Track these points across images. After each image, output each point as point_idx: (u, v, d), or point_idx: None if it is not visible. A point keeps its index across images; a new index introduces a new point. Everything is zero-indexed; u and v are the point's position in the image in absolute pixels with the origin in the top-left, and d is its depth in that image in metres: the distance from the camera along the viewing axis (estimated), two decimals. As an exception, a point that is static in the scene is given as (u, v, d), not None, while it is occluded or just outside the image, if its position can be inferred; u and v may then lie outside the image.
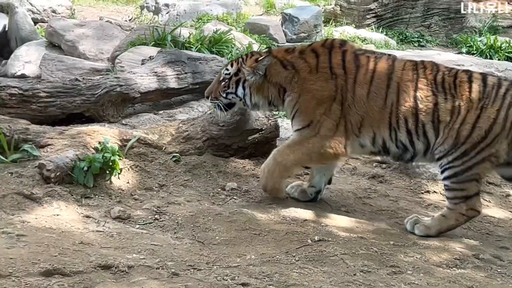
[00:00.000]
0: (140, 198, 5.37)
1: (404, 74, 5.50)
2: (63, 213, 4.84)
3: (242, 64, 5.71)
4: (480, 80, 5.47)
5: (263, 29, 14.03)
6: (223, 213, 5.25)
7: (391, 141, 5.50)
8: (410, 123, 5.43)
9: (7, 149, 5.33)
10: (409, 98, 5.42)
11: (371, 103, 5.48)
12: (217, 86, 5.78)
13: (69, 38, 11.59)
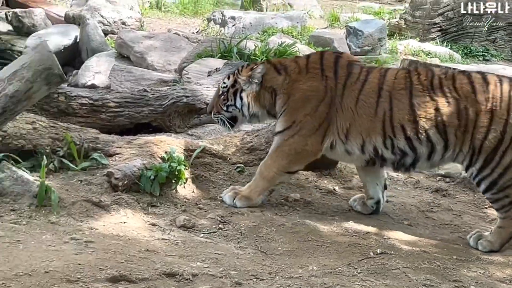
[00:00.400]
0: (204, 208, 5.41)
1: (396, 83, 5.42)
2: (129, 220, 4.92)
3: (237, 75, 5.68)
4: (481, 79, 5.36)
5: (327, 42, 13.98)
6: (286, 224, 5.26)
7: (385, 148, 5.41)
8: (409, 130, 5.33)
9: (77, 158, 5.44)
10: (404, 106, 5.35)
11: (359, 111, 5.42)
12: (217, 100, 5.75)
13: (138, 49, 11.75)
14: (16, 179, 4.87)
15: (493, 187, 5.27)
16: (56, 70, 4.86)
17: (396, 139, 5.37)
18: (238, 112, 5.69)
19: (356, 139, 5.43)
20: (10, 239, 4.28)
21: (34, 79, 4.81)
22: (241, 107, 5.65)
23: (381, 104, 5.38)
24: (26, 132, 5.36)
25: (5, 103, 4.74)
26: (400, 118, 5.34)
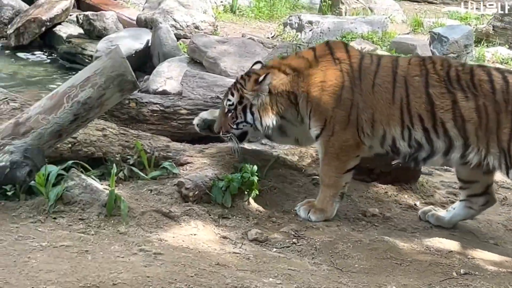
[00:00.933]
0: (278, 221, 5.41)
1: (411, 69, 5.38)
2: (200, 232, 4.96)
3: (243, 90, 5.55)
4: (501, 79, 5.27)
5: (409, 48, 13.81)
6: (363, 240, 5.22)
7: (402, 139, 5.37)
8: (426, 120, 5.29)
9: (147, 166, 5.51)
10: (420, 94, 5.30)
11: (377, 96, 5.36)
12: (225, 119, 5.61)
13: (211, 54, 11.82)
14: (85, 187, 4.96)
15: None
16: (129, 76, 4.95)
17: (414, 129, 5.33)
18: (249, 128, 5.61)
19: (378, 131, 5.43)
20: (78, 249, 4.37)
21: (107, 85, 4.91)
22: (253, 122, 5.56)
23: (398, 89, 5.35)
24: (96, 139, 5.47)
25: (77, 110, 4.85)
26: (417, 106, 5.30)
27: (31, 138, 4.77)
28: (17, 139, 4.75)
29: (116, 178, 5.18)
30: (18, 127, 4.80)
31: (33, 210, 4.83)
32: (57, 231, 4.61)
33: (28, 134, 4.78)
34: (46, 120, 4.84)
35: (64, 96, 4.88)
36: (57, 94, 4.93)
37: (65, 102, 4.86)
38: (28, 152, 4.75)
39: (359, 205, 5.87)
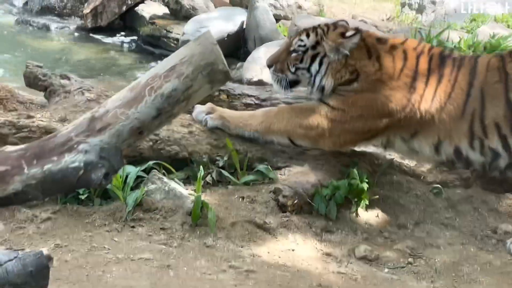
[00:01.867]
0: (391, 237, 5.39)
1: (489, 76, 5.40)
2: (299, 248, 4.97)
3: (323, 36, 5.60)
4: None
5: (559, 35, 13.53)
6: (494, 262, 5.14)
7: (471, 149, 5.41)
8: (504, 127, 5.32)
9: (239, 169, 5.55)
10: (499, 103, 5.34)
11: (442, 115, 5.43)
12: (286, 56, 5.68)
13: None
14: (168, 192, 5.04)
15: None
16: (221, 66, 4.96)
17: (487, 139, 5.43)
18: (306, 78, 5.69)
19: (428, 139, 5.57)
20: (159, 263, 4.45)
21: (195, 76, 4.93)
22: (315, 74, 5.64)
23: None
24: (180, 136, 5.54)
25: (161, 104, 4.87)
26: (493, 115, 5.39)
27: (108, 136, 4.83)
28: (92, 136, 4.81)
29: (203, 182, 5.25)
30: (93, 123, 4.86)
31: (109, 217, 4.94)
32: (135, 241, 4.71)
33: (105, 131, 4.83)
34: (125, 115, 4.89)
35: (146, 88, 4.92)
36: (138, 86, 4.96)
37: (147, 94, 4.90)
38: (105, 151, 4.81)
39: (489, 220, 5.78)
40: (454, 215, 5.75)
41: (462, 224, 5.68)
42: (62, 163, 4.60)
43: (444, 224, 5.64)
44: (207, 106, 5.74)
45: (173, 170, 5.39)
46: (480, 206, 5.90)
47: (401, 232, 5.46)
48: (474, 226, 5.69)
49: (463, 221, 5.72)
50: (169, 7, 15.06)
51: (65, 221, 4.84)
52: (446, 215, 5.73)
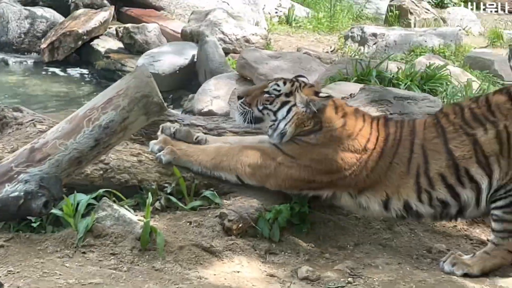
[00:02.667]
0: (331, 257, 5.39)
1: (427, 133, 5.53)
2: (244, 269, 4.96)
3: (298, 89, 5.67)
4: None
5: (486, 64, 13.72)
6: (428, 280, 5.15)
7: (420, 202, 5.45)
8: (449, 177, 5.38)
9: (186, 195, 5.54)
10: (441, 155, 5.44)
11: (389, 173, 5.52)
12: (258, 94, 5.71)
13: (262, 71, 11.83)
14: (118, 218, 5.02)
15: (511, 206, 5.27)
16: (156, 98, 4.99)
17: (434, 190, 5.46)
18: (270, 120, 5.68)
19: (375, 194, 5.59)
20: (109, 287, 4.41)
21: (131, 108, 4.95)
22: (280, 119, 5.63)
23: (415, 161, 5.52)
24: (130, 165, 5.53)
25: (99, 135, 4.87)
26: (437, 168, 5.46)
27: (47, 166, 4.82)
28: (33, 166, 4.80)
29: (152, 208, 5.23)
30: (33, 153, 4.85)
31: (60, 243, 4.89)
32: (86, 267, 4.66)
33: (45, 161, 4.82)
34: (64, 145, 4.88)
35: (84, 120, 4.92)
36: (76, 117, 4.97)
37: (85, 126, 4.90)
38: (44, 181, 4.80)
39: (424, 240, 5.84)
40: (391, 236, 5.79)
41: (399, 244, 5.73)
42: (2, 192, 4.60)
43: (382, 245, 5.67)
44: (160, 140, 5.72)
45: (123, 198, 5.37)
46: (416, 228, 5.96)
47: (341, 253, 5.47)
48: (410, 246, 5.73)
49: (400, 241, 5.76)
50: (123, 42, 15.07)
51: (18, 248, 4.79)
52: (384, 236, 5.77)
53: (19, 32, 15.85)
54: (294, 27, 17.52)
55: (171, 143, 5.68)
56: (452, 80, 10.97)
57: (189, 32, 14.64)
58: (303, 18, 18.01)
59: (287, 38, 16.35)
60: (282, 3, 18.32)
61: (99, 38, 15.54)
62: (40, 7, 16.48)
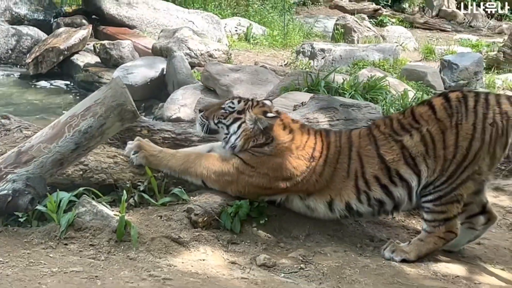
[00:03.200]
0: (286, 246, 5.40)
1: (362, 142, 5.61)
2: (209, 258, 4.95)
3: (249, 108, 5.71)
4: (442, 98, 5.45)
5: (420, 75, 13.84)
6: (370, 265, 5.19)
7: (359, 203, 5.54)
8: (383, 178, 5.48)
9: (157, 193, 5.52)
10: (374, 160, 5.53)
11: (333, 178, 5.58)
12: (216, 109, 5.74)
13: (224, 82, 11.84)
14: (96, 213, 4.98)
15: (440, 199, 5.38)
16: (129, 106, 5.00)
17: (371, 191, 5.53)
18: (223, 132, 5.71)
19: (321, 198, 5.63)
20: (88, 274, 4.37)
21: (107, 115, 4.95)
22: (232, 134, 5.66)
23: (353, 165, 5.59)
24: (107, 166, 5.49)
25: (78, 139, 4.89)
26: (371, 172, 5.53)
27: (33, 167, 4.81)
28: (19, 167, 4.79)
29: (127, 204, 5.20)
30: (20, 156, 4.84)
31: (45, 236, 4.85)
32: (67, 256, 4.63)
33: (30, 163, 4.81)
34: (47, 149, 4.87)
35: (65, 126, 4.92)
36: (58, 124, 4.97)
37: (66, 131, 4.90)
38: (30, 180, 4.78)
39: (367, 230, 5.86)
40: (338, 227, 5.79)
41: (345, 234, 5.73)
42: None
43: (330, 235, 5.68)
44: (135, 144, 5.67)
45: (101, 195, 5.33)
46: (360, 219, 5.97)
47: (294, 243, 5.47)
48: (355, 236, 5.75)
49: (346, 232, 5.77)
50: (100, 57, 14.99)
51: (6, 241, 4.73)
52: (331, 227, 5.76)
53: (7, 48, 15.73)
54: (252, 43, 17.50)
55: (144, 147, 5.63)
56: (391, 89, 11.02)
57: (159, 48, 14.58)
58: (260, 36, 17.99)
59: (246, 53, 16.32)
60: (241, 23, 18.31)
61: (79, 53, 15.44)
62: (25, 26, 16.38)
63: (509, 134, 5.31)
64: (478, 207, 5.66)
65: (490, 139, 5.28)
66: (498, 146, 5.32)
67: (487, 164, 5.36)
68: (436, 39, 21.41)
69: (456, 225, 5.47)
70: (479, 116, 5.29)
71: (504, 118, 5.30)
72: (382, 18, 24.20)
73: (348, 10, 24.22)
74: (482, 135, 5.27)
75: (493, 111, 5.31)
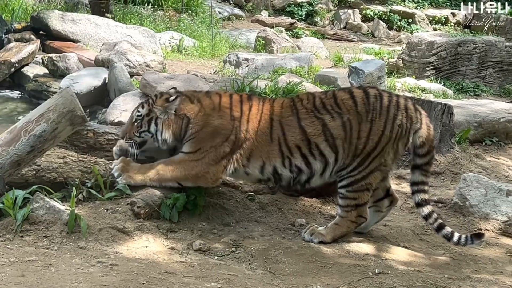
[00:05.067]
0: (218, 233, 5.42)
1: (284, 112, 5.55)
2: (151, 245, 4.94)
3: (153, 105, 5.61)
4: (362, 92, 5.54)
5: (331, 80, 14.00)
6: (292, 247, 5.26)
7: (283, 167, 5.50)
8: (303, 148, 5.46)
9: (103, 188, 5.47)
10: (295, 129, 5.47)
11: (258, 139, 5.50)
12: (131, 127, 5.64)
13: (160, 89, 11.73)
14: (49, 208, 4.92)
15: (352, 185, 5.46)
16: (79, 112, 4.97)
17: (293, 157, 5.49)
18: (150, 137, 5.61)
19: (256, 162, 5.53)
20: (43, 263, 4.33)
21: (59, 120, 4.92)
22: (155, 133, 5.57)
23: (275, 131, 5.51)
24: (57, 165, 5.42)
25: (34, 142, 4.85)
26: (293, 139, 5.48)
27: (-8, 168, 4.75)
28: (-20, 169, 4.73)
29: (76, 199, 5.14)
30: (-20, 159, 4.78)
31: (2, 230, 4.77)
32: (24, 247, 4.56)
33: (-10, 165, 4.75)
34: (6, 151, 4.81)
35: (21, 131, 4.88)
36: (15, 129, 4.92)
37: (22, 135, 4.85)
38: (-11, 180, 4.73)
39: (289, 216, 5.92)
40: (264, 214, 5.85)
41: (270, 220, 5.79)
42: (-46, 190, 4.47)
43: (257, 221, 5.74)
44: (120, 166, 5.50)
45: (53, 192, 5.25)
46: (282, 207, 6.04)
47: (226, 229, 5.50)
48: (279, 221, 5.81)
49: (271, 218, 5.83)
50: (48, 68, 14.68)
51: (-33, 235, 4.65)
52: (258, 214, 5.83)
53: (-39, 62, 15.29)
54: (184, 54, 17.39)
55: (127, 168, 5.49)
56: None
57: (101, 59, 14.36)
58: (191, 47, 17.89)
59: (178, 63, 16.20)
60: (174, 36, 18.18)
61: (28, 65, 15.08)
62: (-22, 42, 15.95)
63: (410, 134, 5.48)
64: (383, 191, 5.79)
65: (395, 137, 5.42)
66: (401, 144, 5.48)
67: (391, 158, 5.50)
68: (344, 48, 21.65)
69: (366, 211, 5.57)
70: (390, 116, 5.42)
71: (409, 122, 5.46)
72: (297, 31, 24.34)
73: (267, 24, 24.29)
74: (390, 133, 5.41)
75: (401, 113, 5.45)
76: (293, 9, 26.97)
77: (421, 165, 5.62)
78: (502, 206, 6.36)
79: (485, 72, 17.43)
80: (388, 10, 28.03)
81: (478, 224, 6.33)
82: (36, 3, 20.19)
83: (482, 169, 7.72)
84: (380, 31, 26.98)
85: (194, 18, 21.37)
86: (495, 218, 6.31)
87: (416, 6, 29.01)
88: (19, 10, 18.78)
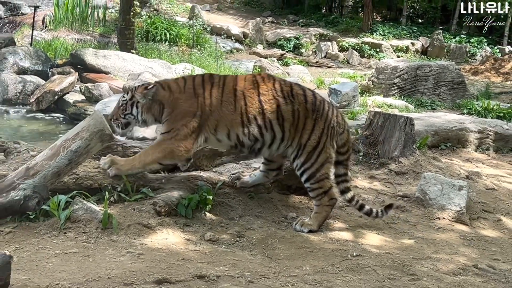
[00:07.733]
0: (225, 226, 5.40)
1: (246, 84, 5.48)
2: (170, 237, 4.93)
3: (134, 91, 5.57)
4: (312, 94, 5.55)
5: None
6: (286, 236, 5.26)
7: (244, 135, 5.43)
8: (259, 120, 5.39)
9: (130, 192, 5.46)
10: (255, 102, 5.40)
11: (223, 109, 5.41)
12: (118, 110, 5.62)
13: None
14: (86, 209, 4.91)
15: (312, 178, 5.46)
16: (107, 131, 4.98)
17: (251, 127, 5.41)
18: (132, 119, 5.58)
19: (223, 130, 5.44)
20: (82, 254, 4.34)
21: (91, 138, 4.92)
22: (137, 114, 5.54)
23: (238, 101, 5.42)
24: (93, 174, 5.41)
25: (71, 157, 4.86)
26: (253, 111, 5.40)
27: (38, 178, 4.74)
28: (28, 179, 4.72)
29: (108, 201, 5.13)
30: (28, 170, 4.78)
31: (49, 227, 4.75)
32: (66, 242, 4.56)
33: (36, 175, 4.75)
34: (48, 164, 4.81)
35: (60, 147, 4.89)
36: (55, 146, 4.94)
37: (61, 151, 4.86)
38: (36, 188, 4.71)
39: (282, 211, 5.90)
40: (262, 210, 5.83)
41: (267, 215, 5.76)
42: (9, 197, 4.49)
43: (257, 216, 5.71)
44: (108, 160, 5.44)
45: (89, 196, 5.24)
46: (277, 203, 6.02)
47: (231, 223, 5.48)
48: (274, 215, 5.78)
49: (268, 213, 5.80)
50: (85, 95, 14.77)
51: (21, 233, 4.61)
52: (257, 210, 5.80)
53: (15, 92, 15.34)
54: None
55: (115, 162, 5.44)
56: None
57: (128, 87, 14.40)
58: (201, 76, 17.94)
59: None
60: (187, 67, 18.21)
61: (69, 93, 15.17)
62: (28, 75, 16.01)
63: (338, 137, 5.58)
64: (277, 165, 5.94)
65: (331, 136, 5.49)
66: (335, 141, 5.54)
67: (333, 151, 5.55)
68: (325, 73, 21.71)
69: (334, 193, 5.59)
70: (328, 119, 5.48)
71: (338, 126, 5.58)
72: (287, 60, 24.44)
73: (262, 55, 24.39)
74: (327, 131, 5.45)
75: (334, 119, 5.54)
76: (283, 42, 27.16)
77: (343, 161, 5.73)
78: (455, 198, 6.36)
79: (440, 90, 17.48)
80: (360, 42, 28.24)
81: (436, 214, 6.31)
82: (74, 42, 20.28)
83: (438, 169, 7.70)
84: (354, 58, 27.09)
85: (203, 52, 21.46)
86: (450, 209, 6.30)
87: (383, 38, 29.27)
88: (60, 49, 18.90)
